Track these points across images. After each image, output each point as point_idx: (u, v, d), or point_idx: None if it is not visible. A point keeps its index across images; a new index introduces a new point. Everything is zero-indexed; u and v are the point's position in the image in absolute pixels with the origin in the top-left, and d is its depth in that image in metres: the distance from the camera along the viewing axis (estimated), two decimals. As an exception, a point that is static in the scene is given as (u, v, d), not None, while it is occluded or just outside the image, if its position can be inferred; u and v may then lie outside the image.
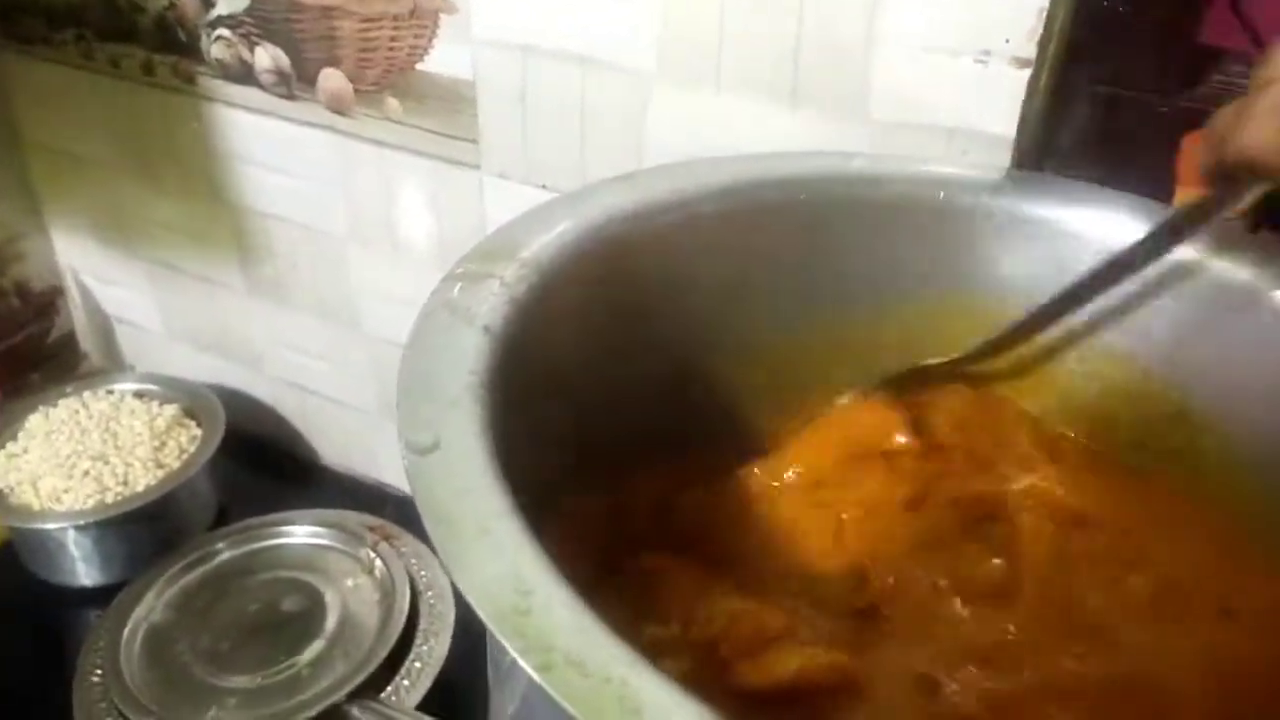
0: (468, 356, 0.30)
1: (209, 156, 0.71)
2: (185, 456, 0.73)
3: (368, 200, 0.66)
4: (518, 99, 0.56)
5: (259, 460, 0.82)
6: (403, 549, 0.67)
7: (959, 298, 0.44)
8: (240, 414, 0.80)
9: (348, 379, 0.76)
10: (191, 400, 0.78)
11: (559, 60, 0.54)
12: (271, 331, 0.78)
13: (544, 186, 0.58)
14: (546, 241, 0.36)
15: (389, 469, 0.78)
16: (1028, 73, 0.42)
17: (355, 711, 0.57)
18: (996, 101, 0.44)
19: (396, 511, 0.72)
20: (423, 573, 0.65)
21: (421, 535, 0.68)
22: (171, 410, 0.76)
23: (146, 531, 0.70)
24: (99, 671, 0.60)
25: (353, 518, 0.69)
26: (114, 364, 0.90)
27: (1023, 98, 0.43)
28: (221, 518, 0.75)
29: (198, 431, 0.75)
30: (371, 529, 0.68)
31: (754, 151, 0.50)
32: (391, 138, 0.62)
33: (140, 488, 0.70)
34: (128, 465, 0.71)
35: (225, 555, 0.67)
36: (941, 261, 0.43)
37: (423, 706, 0.58)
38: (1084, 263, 0.40)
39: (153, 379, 0.80)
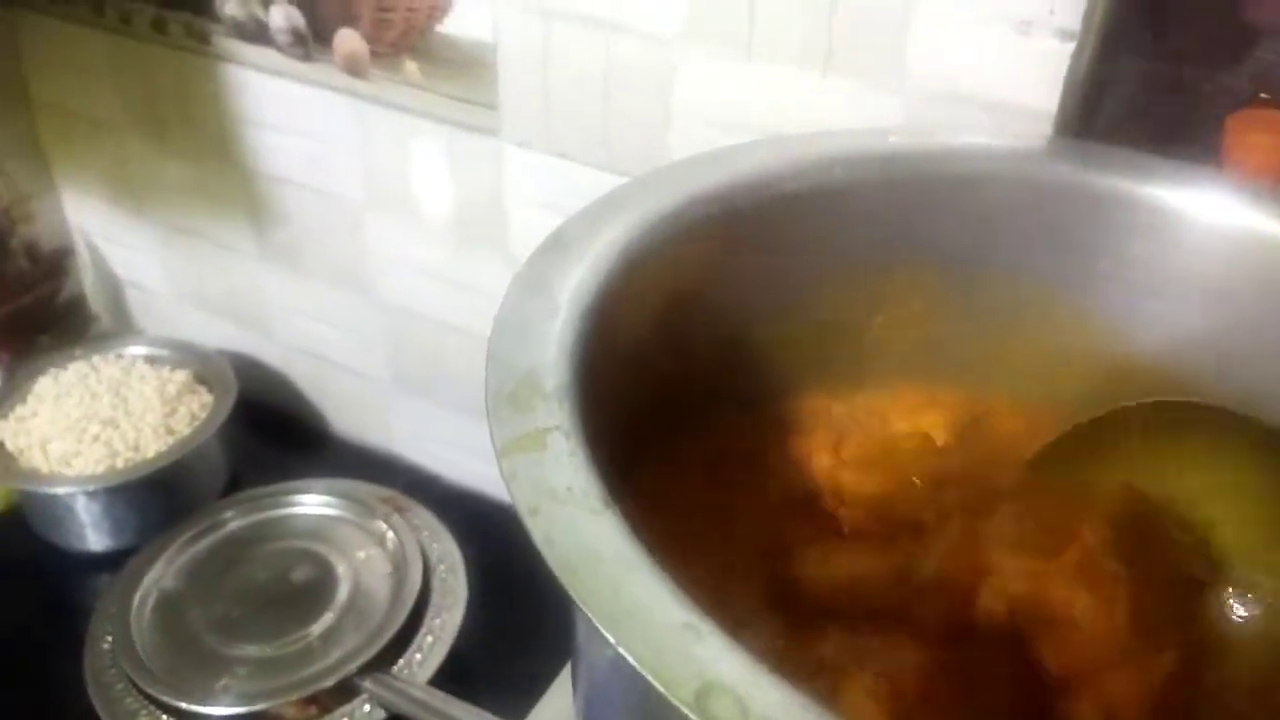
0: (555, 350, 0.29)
1: (222, 118, 0.70)
2: (196, 423, 0.72)
3: (384, 166, 0.64)
4: (540, 64, 0.55)
5: (270, 428, 0.81)
6: (415, 521, 0.66)
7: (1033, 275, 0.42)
8: (252, 381, 0.79)
9: (361, 347, 0.75)
10: (203, 366, 0.77)
11: (583, 24, 0.52)
12: (284, 297, 0.77)
13: (565, 155, 0.57)
14: (623, 230, 0.35)
15: (401, 439, 0.77)
16: (1071, 45, 0.41)
17: (367, 684, 0.57)
18: (1038, 74, 0.42)
19: (408, 483, 0.71)
20: (434, 545, 0.65)
21: (434, 507, 0.68)
22: (183, 376, 0.76)
23: (157, 498, 0.69)
24: (109, 638, 0.60)
25: (364, 489, 0.68)
26: (124, 327, 0.89)
27: (1065, 71, 0.42)
28: (233, 485, 0.74)
29: (209, 398, 0.74)
30: (383, 500, 0.67)
31: (784, 121, 0.49)
32: (409, 102, 0.60)
33: (150, 454, 0.70)
34: (138, 431, 0.71)
35: (236, 524, 0.66)
36: (983, 234, 0.42)
37: (435, 681, 0.58)
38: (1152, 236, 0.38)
39: (164, 343, 0.79)
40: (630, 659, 0.20)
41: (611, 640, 0.20)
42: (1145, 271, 0.40)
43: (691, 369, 0.38)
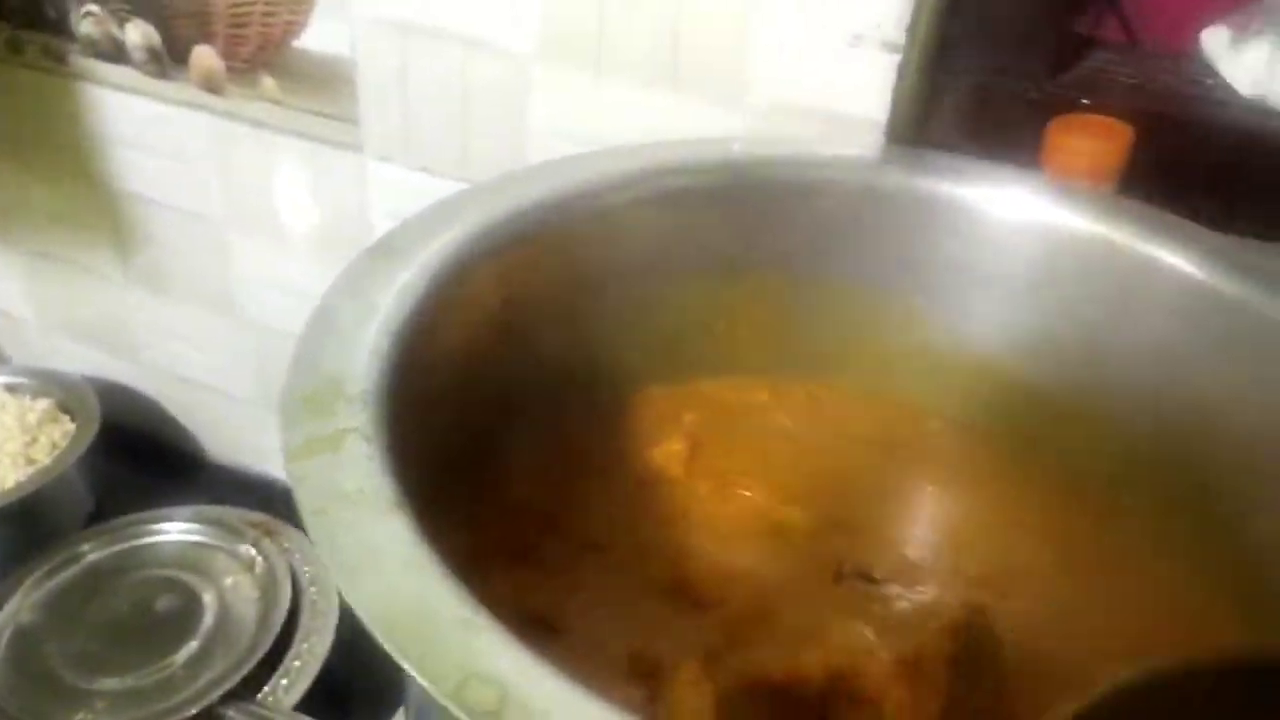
0: (366, 353, 0.29)
1: (82, 139, 0.68)
2: (57, 452, 0.70)
3: (246, 184, 0.63)
4: (398, 79, 0.55)
5: (141, 455, 0.79)
6: (286, 544, 0.64)
7: (847, 277, 0.43)
8: (121, 408, 0.77)
9: (231, 368, 0.73)
10: (66, 394, 0.74)
11: (439, 39, 0.52)
12: (151, 321, 0.75)
13: (427, 170, 0.57)
14: (453, 236, 0.35)
15: (275, 460, 0.75)
16: (898, 58, 0.42)
17: (231, 712, 0.55)
18: (869, 86, 0.44)
19: (285, 505, 0.69)
20: (306, 569, 0.63)
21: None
22: (44, 404, 0.73)
23: (15, 530, 0.67)
24: (-42, 676, 0.57)
25: (233, 513, 0.66)
26: (-9, 357, 0.86)
27: (893, 83, 0.43)
28: (100, 515, 0.72)
29: (71, 426, 0.72)
30: (254, 525, 0.66)
31: (634, 135, 0.49)
32: (269, 118, 0.60)
33: (9, 484, 0.67)
34: (-5, 461, 0.68)
35: (95, 555, 0.64)
36: (820, 240, 0.43)
37: (302, 706, 0.56)
38: (972, 236, 0.40)
39: (26, 372, 0.76)
40: (396, 655, 0.20)
41: (379, 638, 0.20)
42: (972, 270, 0.42)
43: (535, 372, 0.38)
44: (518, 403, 0.36)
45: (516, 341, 0.36)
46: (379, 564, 0.22)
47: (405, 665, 0.19)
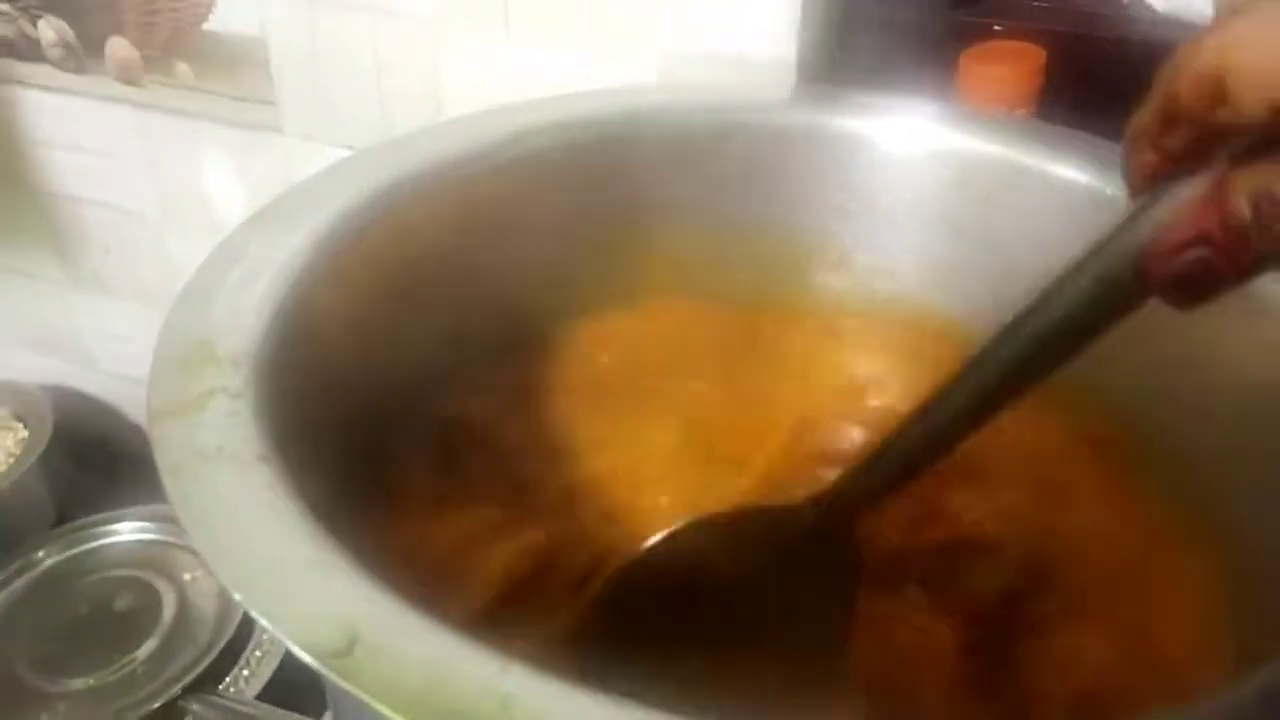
0: (242, 317, 0.28)
1: (6, 140, 0.67)
2: (11, 460, 0.69)
3: (175, 175, 0.63)
4: (310, 55, 0.54)
5: (99, 459, 0.78)
6: (244, 535, 0.64)
7: (763, 220, 0.43)
8: (76, 413, 0.77)
9: (182, 366, 0.73)
10: (18, 402, 0.74)
11: (348, 10, 0.51)
12: (98, 323, 0.74)
13: (350, 146, 0.56)
14: (342, 199, 0.34)
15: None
16: (800, -6, 0.42)
17: (194, 706, 0.55)
18: (776, 27, 0.43)
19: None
20: (265, 558, 0.63)
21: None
22: (-3, 413, 0.72)
23: (-28, 541, 0.66)
24: (-82, 689, 0.57)
25: (188, 508, 0.66)
26: (-56, 372, 0.86)
27: (799, 20, 0.42)
28: (61, 521, 0.71)
29: (25, 434, 0.71)
30: (211, 518, 0.65)
31: (547, 93, 0.49)
32: (188, 105, 0.59)
33: (-37, 496, 0.67)
34: (-51, 473, 0.68)
35: (51, 560, 0.64)
36: (740, 185, 0.42)
37: (265, 695, 0.56)
38: (886, 172, 0.40)
39: (-23, 383, 0.76)
40: (246, 605, 0.19)
41: (230, 589, 0.19)
42: (888, 205, 0.41)
43: (434, 336, 0.37)
44: (417, 368, 0.36)
45: (416, 304, 0.36)
46: (234, 516, 0.21)
47: (255, 615, 0.19)
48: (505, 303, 0.38)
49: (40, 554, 0.64)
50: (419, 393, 0.34)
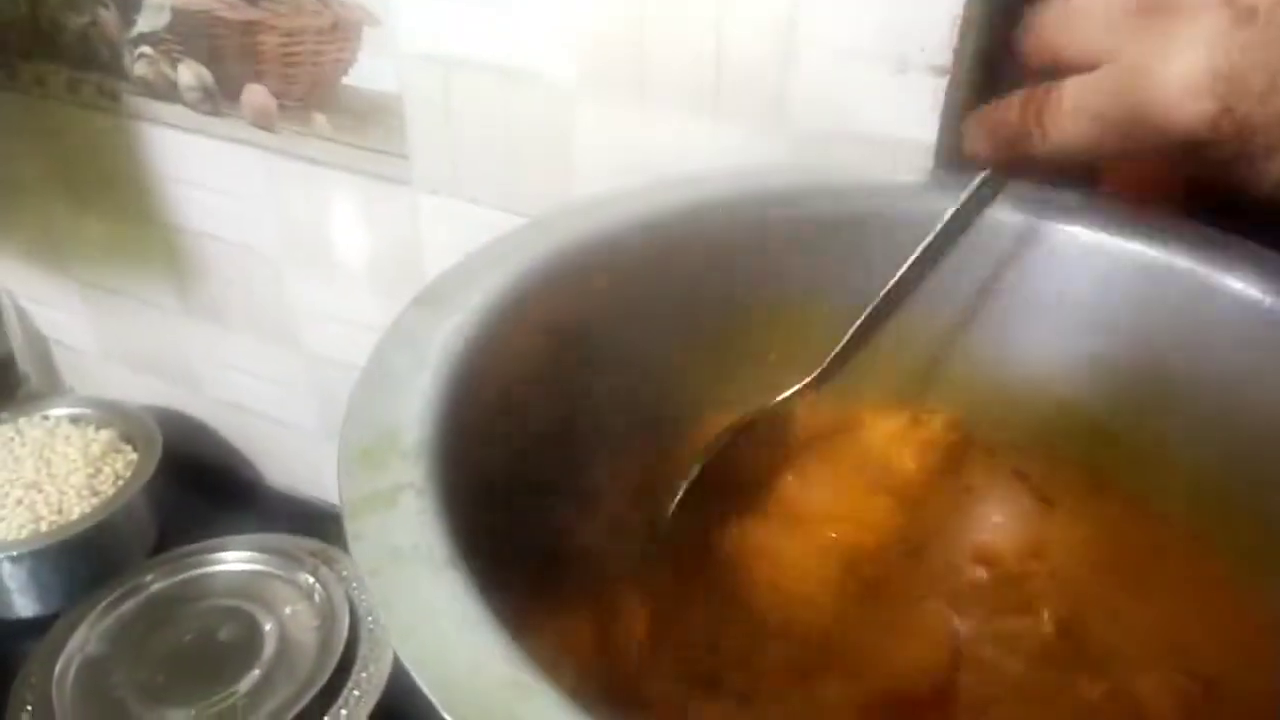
0: (418, 403, 0.29)
1: (138, 175, 0.70)
2: (121, 483, 0.71)
3: (300, 217, 0.64)
4: (444, 113, 0.55)
5: (201, 483, 0.80)
6: (344, 572, 0.65)
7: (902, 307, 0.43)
8: (181, 436, 0.79)
9: (288, 399, 0.74)
10: (128, 425, 0.76)
11: (483, 72, 0.53)
12: (209, 352, 0.76)
13: (475, 201, 0.57)
14: (499, 278, 0.35)
15: (334, 489, 0.76)
16: (945, 80, 0.42)
17: (292, 742, 0.56)
18: (917, 109, 0.43)
19: (342, 533, 0.70)
20: (363, 597, 0.64)
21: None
22: (107, 435, 0.75)
23: (82, 561, 0.68)
24: (29, 707, 0.59)
25: (291, 542, 0.67)
26: (53, 386, 0.88)
27: (941, 106, 0.43)
28: (163, 543, 0.73)
29: (134, 457, 0.74)
30: (312, 553, 0.67)
31: (679, 164, 0.49)
32: (320, 154, 0.61)
33: (75, 516, 0.69)
34: (62, 493, 0.70)
35: (158, 585, 0.65)
36: (873, 269, 0.43)
37: (361, 735, 0.57)
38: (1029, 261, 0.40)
39: (89, 403, 0.78)
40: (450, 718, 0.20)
41: (434, 701, 0.20)
42: (1032, 296, 0.41)
43: (593, 410, 0.38)
44: (577, 442, 0.36)
45: (571, 380, 0.37)
46: (434, 623, 0.22)
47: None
48: (649, 388, 0.39)
49: (149, 578, 0.66)
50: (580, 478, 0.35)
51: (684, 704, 0.33)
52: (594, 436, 0.37)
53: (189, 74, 0.63)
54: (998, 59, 0.43)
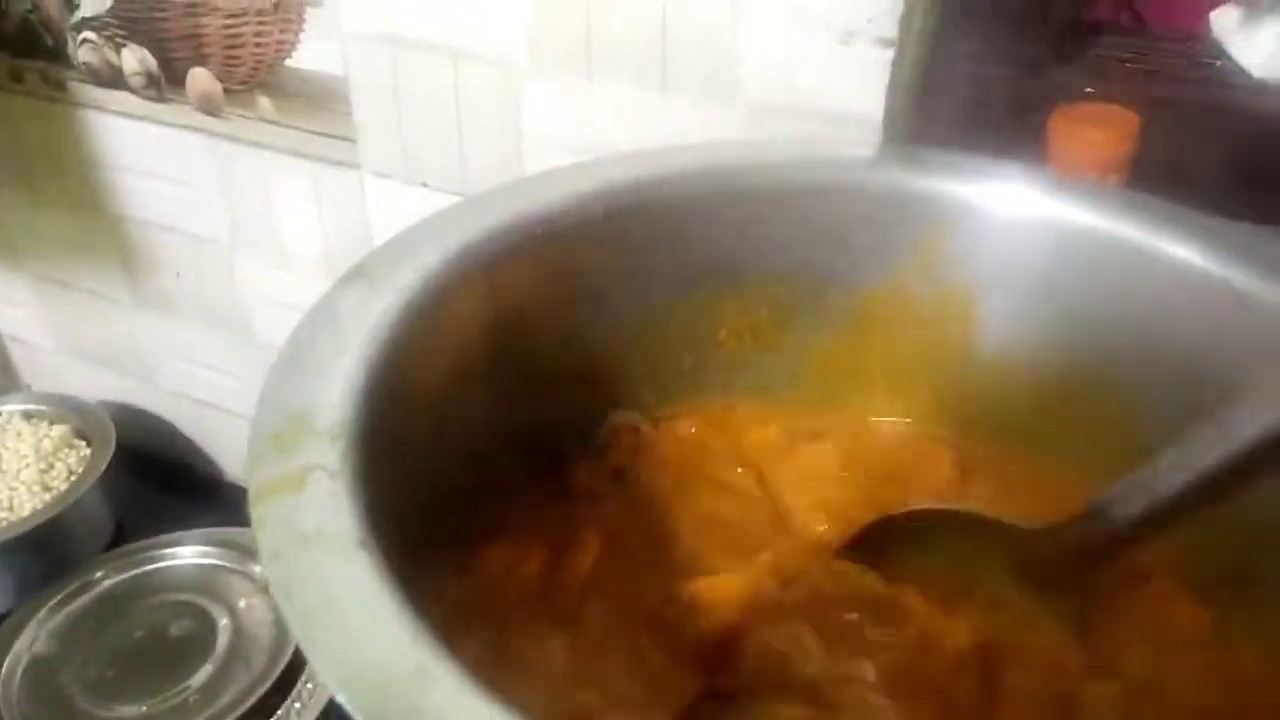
0: (337, 387, 0.28)
1: (86, 165, 0.68)
2: (73, 479, 0.70)
3: (249, 204, 0.63)
4: (391, 94, 0.54)
5: (159, 477, 0.79)
6: (300, 565, 0.64)
7: (847, 282, 0.42)
8: (137, 431, 0.78)
9: (243, 389, 0.73)
10: (82, 420, 0.75)
11: (429, 52, 0.52)
12: (163, 344, 0.75)
13: (426, 185, 0.56)
14: (432, 256, 0.34)
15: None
16: (891, 52, 0.41)
17: (246, 737, 0.55)
18: (863, 83, 0.42)
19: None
20: (320, 589, 0.63)
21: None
22: (60, 431, 0.73)
23: (34, 558, 0.67)
24: (-24, 708, 0.57)
25: (246, 534, 0.65)
26: (10, 383, 0.87)
27: (888, 79, 0.42)
28: (120, 539, 0.72)
29: (87, 452, 0.72)
30: (268, 545, 0.65)
31: (628, 140, 0.49)
32: (267, 138, 0.59)
33: (26, 512, 0.67)
34: (12, 490, 0.68)
35: (109, 581, 0.64)
36: (820, 243, 0.42)
37: (317, 728, 0.56)
38: (971, 234, 0.39)
39: (42, 399, 0.77)
40: (351, 709, 0.19)
41: (335, 692, 0.19)
42: (976, 270, 0.40)
43: (530, 396, 0.37)
44: (512, 429, 0.35)
45: (507, 364, 0.36)
46: (336, 610, 0.21)
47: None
48: (594, 368, 0.38)
49: (99, 574, 0.64)
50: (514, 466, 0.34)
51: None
52: (528, 418, 0.36)
53: (133, 59, 0.61)
54: (948, 29, 0.43)
